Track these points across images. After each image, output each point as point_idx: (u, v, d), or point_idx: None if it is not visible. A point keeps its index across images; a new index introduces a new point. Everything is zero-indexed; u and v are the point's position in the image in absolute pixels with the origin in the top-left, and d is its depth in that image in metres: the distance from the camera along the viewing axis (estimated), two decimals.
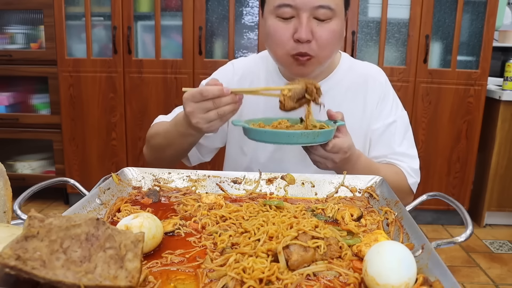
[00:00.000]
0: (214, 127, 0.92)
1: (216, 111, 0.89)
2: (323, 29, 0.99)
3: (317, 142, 0.90)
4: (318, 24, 0.99)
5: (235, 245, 0.65)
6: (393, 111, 1.16)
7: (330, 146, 0.92)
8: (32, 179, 2.89)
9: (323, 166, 0.97)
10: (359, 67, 1.21)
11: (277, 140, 0.88)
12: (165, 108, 2.73)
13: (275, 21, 1.01)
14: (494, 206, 2.84)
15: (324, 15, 0.98)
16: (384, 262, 0.53)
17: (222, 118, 0.91)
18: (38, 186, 0.80)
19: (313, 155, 0.95)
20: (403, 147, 1.15)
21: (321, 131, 0.89)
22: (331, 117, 0.96)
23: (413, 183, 1.14)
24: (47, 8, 2.70)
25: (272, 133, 0.88)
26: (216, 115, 0.89)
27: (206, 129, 0.92)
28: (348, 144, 0.94)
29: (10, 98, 3.01)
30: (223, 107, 0.89)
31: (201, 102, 0.89)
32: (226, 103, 0.89)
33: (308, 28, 0.98)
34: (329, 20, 1.00)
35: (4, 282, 0.47)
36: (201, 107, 0.89)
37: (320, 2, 0.97)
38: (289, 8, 0.98)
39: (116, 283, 0.47)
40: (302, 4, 0.97)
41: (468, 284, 2.20)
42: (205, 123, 0.90)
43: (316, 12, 0.98)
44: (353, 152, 0.98)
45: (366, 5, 2.63)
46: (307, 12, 0.98)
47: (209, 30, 2.69)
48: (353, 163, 1.00)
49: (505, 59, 2.86)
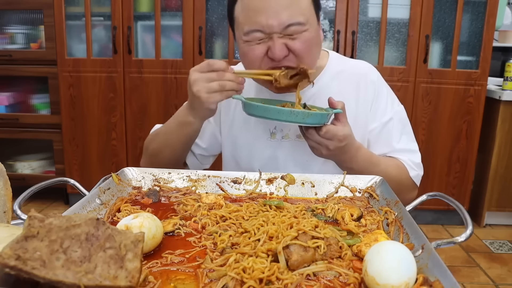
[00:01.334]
0: (213, 98, 0.95)
1: (219, 82, 0.94)
2: (297, 42, 0.97)
3: (307, 123, 0.91)
4: (290, 38, 0.97)
5: (235, 245, 0.65)
6: (388, 108, 1.14)
7: (323, 131, 0.92)
8: (32, 179, 2.89)
9: (318, 152, 0.98)
10: (349, 67, 1.17)
11: (267, 115, 0.91)
12: (165, 108, 2.73)
13: (246, 45, 1.00)
14: (494, 206, 2.84)
15: (296, 31, 0.96)
16: (384, 262, 0.53)
17: (223, 92, 0.94)
18: (38, 186, 0.80)
19: (309, 140, 0.96)
20: (402, 142, 1.14)
21: (312, 112, 0.90)
22: (331, 105, 0.96)
23: (415, 175, 1.12)
24: (47, 8, 2.70)
25: (263, 108, 0.91)
26: (217, 86, 0.94)
27: (206, 99, 0.94)
28: (344, 133, 0.94)
29: (10, 98, 3.01)
30: (225, 80, 0.93)
31: (206, 73, 0.94)
32: (229, 78, 0.94)
33: (281, 45, 0.96)
34: (301, 33, 0.97)
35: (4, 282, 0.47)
36: (205, 77, 0.94)
37: (289, 21, 0.95)
38: (259, 32, 0.97)
39: (116, 283, 0.47)
40: (271, 27, 0.95)
41: (468, 284, 2.20)
42: (205, 91, 0.94)
43: (287, 30, 0.96)
44: (351, 143, 0.97)
45: (366, 5, 2.63)
46: (277, 33, 0.96)
47: (209, 30, 2.69)
48: (351, 155, 0.99)
49: (505, 59, 2.86)
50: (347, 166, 1.02)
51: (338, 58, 1.19)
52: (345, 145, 0.95)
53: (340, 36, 2.59)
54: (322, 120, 0.92)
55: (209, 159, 1.26)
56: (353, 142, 0.99)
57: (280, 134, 1.14)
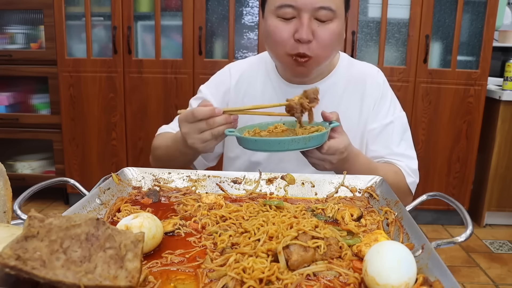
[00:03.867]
0: (209, 146, 0.93)
1: (210, 132, 0.90)
2: (324, 30, 1.00)
3: (310, 147, 0.88)
4: (319, 25, 1.00)
5: (235, 245, 0.65)
6: (390, 112, 1.16)
7: (325, 149, 0.91)
8: (32, 179, 2.89)
9: (321, 168, 0.96)
10: (358, 67, 1.20)
11: (268, 148, 0.88)
12: (165, 108, 2.73)
13: (276, 21, 1.02)
14: (494, 206, 2.84)
15: (325, 16, 0.99)
16: (384, 262, 0.53)
17: (217, 138, 0.92)
18: (38, 186, 0.80)
19: (310, 158, 0.95)
20: (401, 147, 1.14)
21: (312, 135, 0.87)
22: (325, 118, 0.94)
23: (412, 182, 1.13)
24: (47, 8, 2.70)
25: (263, 141, 0.87)
26: (210, 136, 0.90)
27: (202, 148, 0.93)
28: (344, 144, 0.94)
29: (10, 98, 3.00)
30: (217, 127, 0.90)
31: (195, 123, 0.90)
32: (220, 123, 0.90)
33: (309, 28, 0.99)
34: (329, 21, 1.00)
35: (4, 282, 0.47)
36: (195, 128, 0.90)
37: (321, 3, 0.97)
38: (291, 8, 0.99)
39: (116, 283, 0.47)
40: (303, 5, 0.97)
41: (468, 284, 2.20)
42: (200, 143, 0.92)
43: (317, 13, 0.98)
44: (350, 151, 0.98)
45: (366, 5, 2.63)
46: (308, 13, 0.98)
47: (209, 30, 2.69)
48: (351, 162, 0.99)
49: (505, 59, 2.86)
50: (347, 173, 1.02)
51: (348, 58, 1.22)
52: (346, 155, 0.95)
53: None
54: (323, 139, 0.90)
55: (215, 158, 1.28)
56: (352, 149, 0.99)
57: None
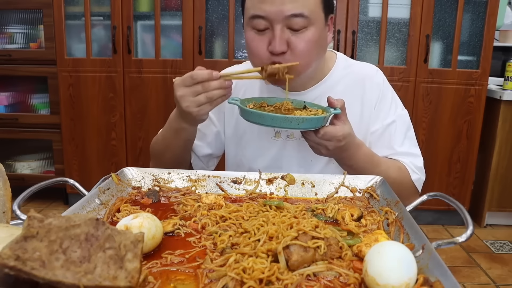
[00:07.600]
0: (203, 111, 0.94)
1: (205, 95, 0.92)
2: (298, 39, 0.96)
3: (302, 128, 0.91)
4: (293, 34, 0.96)
5: (235, 245, 0.65)
6: (391, 111, 1.14)
7: (321, 133, 0.92)
8: (31, 179, 2.89)
9: (318, 152, 0.98)
10: (356, 68, 1.17)
11: (261, 122, 0.90)
12: (165, 108, 2.73)
13: (251, 33, 1.00)
14: (494, 206, 2.84)
15: (298, 25, 0.95)
16: (384, 262, 0.53)
17: (212, 102, 0.93)
18: (37, 186, 0.80)
19: (308, 140, 0.96)
20: (405, 146, 1.13)
21: (306, 117, 0.90)
22: (330, 104, 0.95)
23: (417, 179, 1.11)
24: (46, 8, 2.70)
25: (258, 114, 0.90)
26: (205, 99, 0.92)
27: (196, 113, 0.94)
28: (343, 132, 0.93)
29: (10, 98, 3.00)
30: (212, 91, 0.92)
31: (191, 86, 0.92)
32: (215, 87, 0.92)
33: (282, 39, 0.95)
34: (304, 29, 0.96)
35: (4, 282, 0.47)
36: (191, 91, 0.92)
37: (292, 11, 0.94)
38: (262, 19, 0.96)
39: (116, 284, 0.47)
40: (273, 14, 0.94)
41: (468, 285, 2.20)
42: (195, 106, 0.93)
43: (290, 22, 0.95)
44: (350, 141, 0.97)
45: (366, 4, 2.63)
46: (280, 23, 0.95)
47: (209, 30, 2.69)
48: (351, 152, 0.99)
49: (505, 59, 2.86)
50: (347, 163, 1.02)
51: (345, 60, 1.19)
52: (344, 144, 0.95)
53: (340, 36, 2.59)
54: (318, 124, 0.91)
55: (214, 161, 1.26)
56: (354, 139, 0.99)
57: (285, 134, 1.14)
